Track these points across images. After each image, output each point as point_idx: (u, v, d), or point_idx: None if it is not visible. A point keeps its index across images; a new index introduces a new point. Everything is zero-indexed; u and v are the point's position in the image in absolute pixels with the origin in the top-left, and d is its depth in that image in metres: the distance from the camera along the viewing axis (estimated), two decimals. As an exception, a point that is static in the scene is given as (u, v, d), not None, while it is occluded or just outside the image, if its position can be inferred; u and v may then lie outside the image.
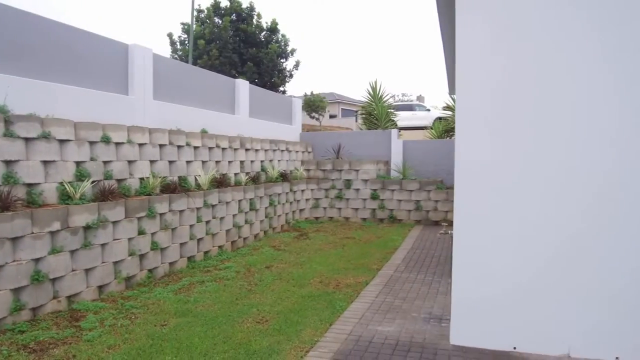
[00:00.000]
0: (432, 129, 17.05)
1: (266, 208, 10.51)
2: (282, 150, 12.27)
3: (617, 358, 4.10)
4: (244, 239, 9.56)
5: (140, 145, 7.31)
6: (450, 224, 4.73)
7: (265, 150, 11.36)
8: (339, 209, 12.98)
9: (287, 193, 11.59)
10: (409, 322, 5.06)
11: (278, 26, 24.07)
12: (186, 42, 23.80)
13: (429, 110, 23.26)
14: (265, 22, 24.31)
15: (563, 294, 4.23)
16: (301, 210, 12.59)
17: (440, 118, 18.02)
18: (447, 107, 17.16)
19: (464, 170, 4.46)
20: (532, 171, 4.29)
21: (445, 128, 16.21)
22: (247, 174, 10.31)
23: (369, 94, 15.53)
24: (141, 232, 6.72)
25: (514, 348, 4.31)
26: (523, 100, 4.30)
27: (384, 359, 4.15)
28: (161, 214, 7.15)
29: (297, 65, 24.98)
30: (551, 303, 4.26)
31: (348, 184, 12.92)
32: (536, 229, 4.29)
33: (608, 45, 4.09)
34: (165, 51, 25.30)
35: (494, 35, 4.35)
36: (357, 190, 12.86)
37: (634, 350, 4.06)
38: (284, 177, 11.66)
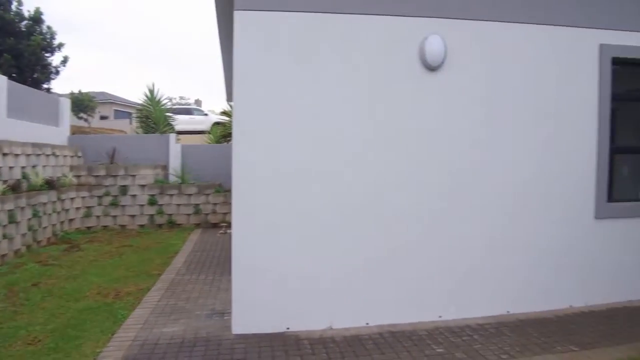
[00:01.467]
0: (210, 133, 17.43)
1: (29, 220, 9.47)
2: (48, 155, 11.16)
3: (367, 323, 5.09)
4: (2, 256, 8.46)
5: None
6: (229, 225, 5.19)
7: (28, 155, 10.20)
8: (114, 216, 12.41)
9: (54, 202, 10.60)
10: (193, 320, 5.35)
11: (43, 16, 21.52)
12: None
13: (207, 114, 23.65)
14: (28, 10, 21.51)
15: (322, 277, 5.07)
16: (71, 220, 11.63)
17: (218, 123, 18.51)
18: (225, 113, 17.80)
19: (241, 173, 4.92)
20: (299, 171, 5.02)
21: (222, 133, 16.74)
22: (4, 182, 9.13)
23: (147, 96, 15.13)
24: None
25: (287, 328, 4.98)
26: (290, 111, 5.00)
27: (171, 357, 4.36)
28: None
29: (64, 61, 22.72)
30: (313, 286, 5.05)
31: (124, 190, 12.44)
32: (302, 225, 5.04)
33: (342, 72, 5.10)
34: None
35: (267, 55, 4.95)
36: (134, 196, 12.48)
37: (377, 317, 5.12)
38: (50, 184, 10.63)
